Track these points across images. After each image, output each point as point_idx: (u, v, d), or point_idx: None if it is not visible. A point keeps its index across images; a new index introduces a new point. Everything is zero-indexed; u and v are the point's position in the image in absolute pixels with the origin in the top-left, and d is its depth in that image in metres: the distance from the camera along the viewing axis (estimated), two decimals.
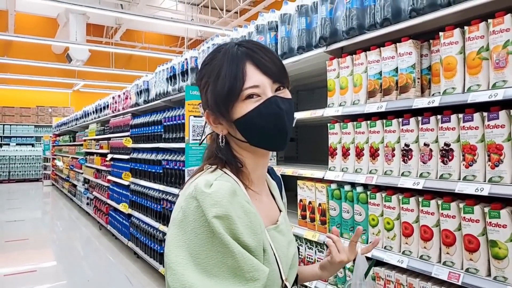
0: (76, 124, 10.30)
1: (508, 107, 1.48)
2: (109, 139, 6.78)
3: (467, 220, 1.57)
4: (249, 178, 0.94)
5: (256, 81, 0.87)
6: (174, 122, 4.02)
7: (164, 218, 4.26)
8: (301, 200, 2.46)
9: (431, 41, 1.83)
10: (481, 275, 1.53)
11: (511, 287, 1.42)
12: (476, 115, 1.57)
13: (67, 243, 6.55)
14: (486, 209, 1.51)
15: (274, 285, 0.85)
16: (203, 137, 1.09)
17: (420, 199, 1.77)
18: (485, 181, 1.54)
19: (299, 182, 2.47)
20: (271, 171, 1.14)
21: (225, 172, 0.90)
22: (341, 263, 1.10)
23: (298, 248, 2.46)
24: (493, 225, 1.48)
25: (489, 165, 1.52)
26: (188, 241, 0.77)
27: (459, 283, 1.57)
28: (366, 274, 1.11)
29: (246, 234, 0.78)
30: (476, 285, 1.52)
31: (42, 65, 13.55)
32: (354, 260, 1.15)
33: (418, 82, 1.85)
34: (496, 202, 1.51)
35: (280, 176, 1.20)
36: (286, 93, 0.92)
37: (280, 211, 1.05)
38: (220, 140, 0.95)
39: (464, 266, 1.60)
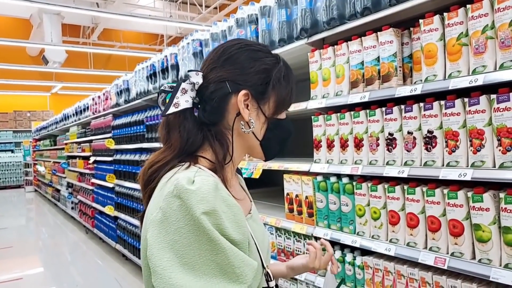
0: (56, 128, 10.08)
1: (488, 92, 1.50)
2: (91, 141, 6.66)
3: (451, 205, 1.59)
4: (225, 171, 0.92)
5: None
6: (157, 121, 3.97)
7: None
8: (288, 194, 2.45)
9: (411, 29, 1.84)
10: (466, 259, 1.56)
11: (496, 269, 1.44)
12: (458, 101, 1.58)
13: (54, 249, 6.42)
14: (469, 194, 1.53)
15: (258, 274, 0.86)
16: (174, 108, 0.92)
17: (406, 187, 1.79)
18: (468, 166, 1.56)
19: (285, 176, 2.47)
20: None
21: (200, 168, 0.86)
22: (312, 268, 1.18)
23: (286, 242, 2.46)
24: (477, 209, 1.50)
25: (471, 150, 1.54)
26: (172, 242, 0.74)
27: (445, 267, 1.59)
28: None
29: (231, 229, 0.77)
30: (462, 268, 1.54)
31: (17, 68, 13.18)
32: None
33: (400, 70, 1.86)
34: (479, 186, 1.54)
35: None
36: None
37: (251, 201, 1.07)
38: (247, 122, 0.94)
39: (450, 251, 1.62)
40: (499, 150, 1.45)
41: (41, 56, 12.63)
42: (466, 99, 1.56)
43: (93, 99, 6.70)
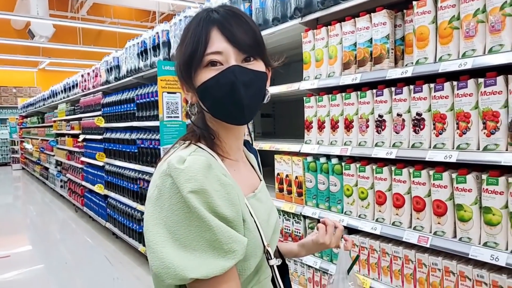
0: (44, 105, 9.91)
1: (476, 76, 1.53)
2: (80, 119, 6.58)
3: (436, 186, 1.64)
4: (223, 149, 0.93)
5: (219, 47, 0.84)
6: (147, 99, 3.94)
7: (141, 197, 4.23)
8: (278, 174, 2.49)
9: (405, 11, 1.84)
10: (448, 237, 1.62)
11: (475, 247, 1.50)
12: (447, 84, 1.61)
13: (42, 227, 6.42)
14: (454, 175, 1.58)
15: (256, 251, 0.87)
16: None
17: (393, 168, 1.83)
18: (453, 149, 1.60)
19: (276, 156, 2.49)
20: (247, 144, 1.14)
21: (199, 147, 0.89)
22: (323, 245, 1.13)
23: None
24: (460, 189, 1.55)
25: (457, 133, 1.58)
26: (165, 218, 0.77)
27: (428, 246, 1.65)
28: (349, 270, 1.13)
29: (223, 206, 0.78)
30: (443, 247, 1.60)
31: (1, 42, 12.80)
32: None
33: (392, 53, 1.88)
34: (463, 168, 1.58)
35: (255, 148, 1.20)
36: (256, 65, 0.88)
37: (260, 180, 1.06)
38: (189, 107, 0.94)
39: (433, 230, 1.67)
40: (484, 133, 1.49)
41: (27, 30, 12.27)
42: (455, 83, 1.58)
43: (82, 76, 6.59)
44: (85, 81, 6.42)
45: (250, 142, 1.16)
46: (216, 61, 0.85)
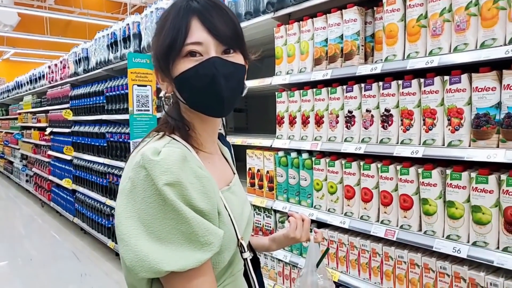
0: (8, 96, 9.50)
1: (442, 74, 1.57)
2: (47, 111, 6.35)
3: (403, 181, 1.68)
4: (198, 141, 0.91)
5: (199, 38, 0.83)
6: (117, 92, 3.83)
7: (111, 192, 4.13)
8: (250, 169, 2.48)
9: (375, 8, 1.87)
10: (413, 231, 1.66)
11: (438, 240, 1.55)
12: (414, 81, 1.64)
13: (6, 223, 6.17)
14: (420, 170, 1.62)
15: (230, 244, 0.86)
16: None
17: (362, 163, 1.86)
18: (420, 144, 1.64)
19: (248, 151, 2.49)
20: (221, 138, 1.12)
21: (173, 138, 0.87)
22: (294, 239, 1.15)
23: None
24: (425, 184, 1.60)
25: (424, 129, 1.62)
26: (139, 211, 0.75)
27: (394, 239, 1.69)
28: (318, 263, 1.13)
29: (199, 199, 0.77)
30: (409, 240, 1.65)
31: None
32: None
33: (362, 49, 1.90)
34: (429, 163, 1.62)
35: (229, 142, 1.19)
36: (235, 58, 0.87)
37: (234, 173, 1.05)
38: (163, 98, 0.92)
39: (399, 223, 1.72)
40: (449, 129, 1.53)
41: None
42: (422, 80, 1.62)
43: (49, 67, 6.35)
44: (52, 72, 6.19)
45: (224, 135, 1.15)
46: (196, 52, 0.83)
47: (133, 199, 0.76)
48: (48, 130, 6.11)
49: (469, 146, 1.48)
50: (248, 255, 0.91)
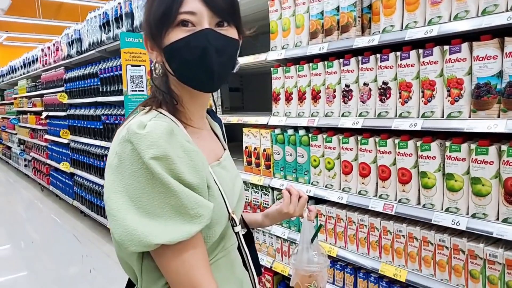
0: (2, 81, 9.41)
1: (442, 44, 1.52)
2: (42, 95, 6.28)
3: (401, 154, 1.65)
4: (186, 115, 0.89)
5: (194, 7, 0.79)
6: (111, 73, 3.77)
7: None
8: (246, 147, 2.45)
9: None
10: (412, 204, 1.65)
11: (437, 213, 1.54)
12: (413, 52, 1.60)
13: (7, 207, 6.19)
14: (418, 143, 1.59)
15: (221, 218, 0.85)
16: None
17: (359, 138, 1.83)
18: (418, 117, 1.61)
19: (244, 129, 2.45)
20: (211, 113, 1.09)
21: (160, 112, 0.84)
22: (287, 214, 1.13)
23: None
24: (424, 157, 1.57)
25: (422, 101, 1.58)
26: (127, 186, 0.73)
27: (393, 213, 1.68)
28: (312, 239, 1.12)
29: (187, 173, 0.75)
30: (407, 213, 1.63)
31: None
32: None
33: (359, 21, 1.84)
34: (428, 136, 1.60)
35: (220, 118, 1.16)
36: (229, 31, 0.84)
37: (224, 149, 1.03)
38: (153, 67, 0.89)
39: (397, 198, 1.70)
40: (448, 100, 1.49)
41: None
42: (420, 50, 1.57)
43: (42, 50, 6.25)
44: (45, 55, 6.09)
45: (214, 110, 1.12)
46: (188, 21, 0.80)
47: (120, 174, 0.74)
48: (44, 114, 6.06)
49: (469, 117, 1.45)
50: (239, 229, 0.91)
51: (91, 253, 3.97)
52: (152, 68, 0.90)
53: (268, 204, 2.35)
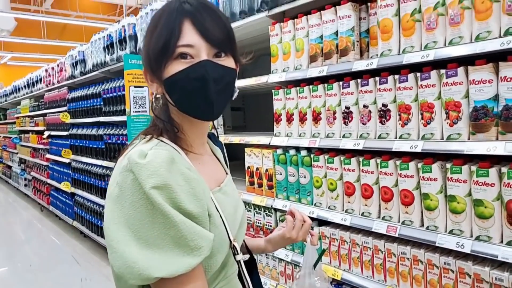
0: (6, 101, 9.48)
1: (438, 67, 1.56)
2: (45, 115, 6.33)
3: (403, 176, 1.66)
4: (187, 142, 0.91)
5: (191, 40, 0.82)
6: (114, 94, 3.82)
7: None
8: (248, 167, 2.47)
9: (368, 4, 1.85)
10: (415, 226, 1.65)
11: (441, 235, 1.53)
12: (411, 76, 1.63)
13: (6, 228, 6.15)
14: (420, 165, 1.60)
15: (223, 247, 0.85)
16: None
17: (361, 159, 1.84)
18: (418, 139, 1.63)
19: (246, 149, 2.47)
20: (212, 137, 1.11)
21: (161, 141, 0.86)
22: (290, 239, 1.12)
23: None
24: (426, 179, 1.58)
25: (422, 123, 1.61)
26: (127, 216, 0.73)
27: (396, 235, 1.68)
28: (315, 264, 1.11)
29: (188, 201, 0.75)
30: (411, 236, 1.63)
31: None
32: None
33: (357, 45, 1.88)
34: (428, 157, 1.61)
35: (221, 141, 1.17)
36: (226, 61, 0.87)
37: (227, 173, 1.04)
38: (154, 99, 0.91)
39: (401, 219, 1.70)
40: (447, 123, 1.52)
41: None
42: (418, 74, 1.61)
43: (46, 70, 6.33)
44: (49, 76, 6.17)
45: (216, 135, 1.13)
46: (187, 54, 0.82)
47: (121, 204, 0.75)
48: (46, 133, 6.09)
49: (468, 139, 1.47)
50: (241, 257, 0.90)
51: (90, 276, 3.93)
52: (153, 99, 0.92)
53: (271, 226, 2.35)
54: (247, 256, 1.06)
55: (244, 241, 1.11)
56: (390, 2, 1.68)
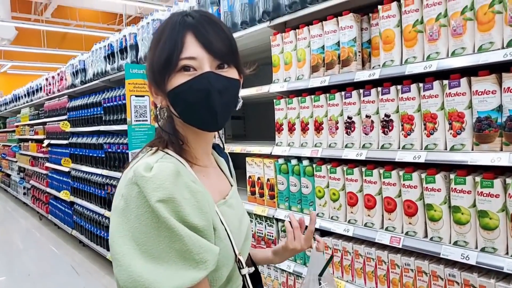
0: (6, 109, 9.49)
1: (441, 78, 1.56)
2: (44, 123, 6.33)
3: (406, 186, 1.66)
4: (192, 154, 0.91)
5: (194, 53, 0.83)
6: (115, 103, 3.82)
7: (109, 203, 4.09)
8: (250, 177, 2.46)
9: (370, 14, 1.86)
10: (419, 237, 1.63)
11: (445, 246, 1.52)
12: (413, 86, 1.63)
13: (4, 237, 6.11)
14: (423, 175, 1.60)
15: (228, 260, 0.84)
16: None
17: (363, 169, 1.84)
18: (422, 149, 1.62)
19: (247, 159, 2.46)
20: (217, 148, 1.11)
21: (166, 153, 0.86)
22: (294, 250, 1.11)
23: None
24: (429, 189, 1.57)
25: (425, 133, 1.60)
26: (133, 229, 0.73)
27: (400, 246, 1.66)
28: (322, 272, 1.09)
29: (193, 215, 0.75)
30: (415, 247, 1.62)
31: None
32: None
33: (359, 55, 1.89)
34: (432, 168, 1.60)
35: (226, 152, 1.17)
36: (229, 73, 0.87)
37: (231, 185, 1.03)
38: (158, 111, 0.91)
39: (404, 230, 1.69)
40: (450, 133, 1.51)
41: None
42: (421, 84, 1.61)
43: (46, 79, 6.34)
44: (49, 84, 6.18)
45: (221, 146, 1.13)
46: (190, 66, 0.83)
47: (126, 217, 0.74)
48: (46, 142, 6.08)
49: (472, 150, 1.46)
50: (246, 271, 0.89)
51: (89, 286, 3.89)
52: (157, 113, 0.93)
53: (272, 236, 2.33)
54: (252, 269, 1.05)
55: (249, 253, 1.10)
56: (392, 13, 1.69)
